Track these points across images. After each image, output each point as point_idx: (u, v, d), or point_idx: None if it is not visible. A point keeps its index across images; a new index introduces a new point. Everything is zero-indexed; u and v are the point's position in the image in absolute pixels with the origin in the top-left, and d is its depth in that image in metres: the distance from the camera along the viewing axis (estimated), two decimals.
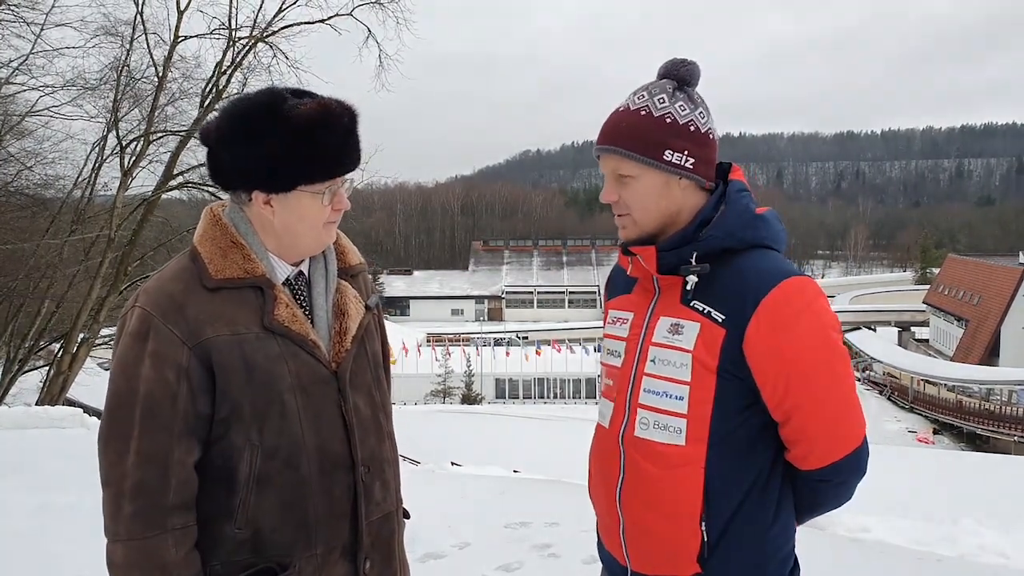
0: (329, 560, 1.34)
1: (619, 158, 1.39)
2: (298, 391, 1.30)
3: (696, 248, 1.37)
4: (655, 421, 1.38)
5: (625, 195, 1.41)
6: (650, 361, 1.40)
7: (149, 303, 1.27)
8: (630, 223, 1.43)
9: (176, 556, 1.23)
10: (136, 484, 1.22)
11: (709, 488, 1.35)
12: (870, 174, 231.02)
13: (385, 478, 1.43)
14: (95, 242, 14.99)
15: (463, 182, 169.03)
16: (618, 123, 1.40)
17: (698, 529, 1.36)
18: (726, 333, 1.33)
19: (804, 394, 1.32)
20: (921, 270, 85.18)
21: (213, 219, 1.35)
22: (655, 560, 1.41)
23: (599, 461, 1.51)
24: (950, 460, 21.43)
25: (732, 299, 1.34)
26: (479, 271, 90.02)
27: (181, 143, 14.96)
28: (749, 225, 1.39)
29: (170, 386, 1.24)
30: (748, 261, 1.36)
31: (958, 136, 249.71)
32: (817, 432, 1.34)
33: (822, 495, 1.41)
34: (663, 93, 1.40)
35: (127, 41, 14.33)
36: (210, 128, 1.31)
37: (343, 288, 1.43)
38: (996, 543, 4.98)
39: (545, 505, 5.19)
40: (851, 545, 4.47)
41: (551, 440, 19.88)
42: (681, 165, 1.38)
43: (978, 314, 49.59)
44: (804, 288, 1.33)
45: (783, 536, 1.40)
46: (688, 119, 1.39)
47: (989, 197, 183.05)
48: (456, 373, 43.39)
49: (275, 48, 14.90)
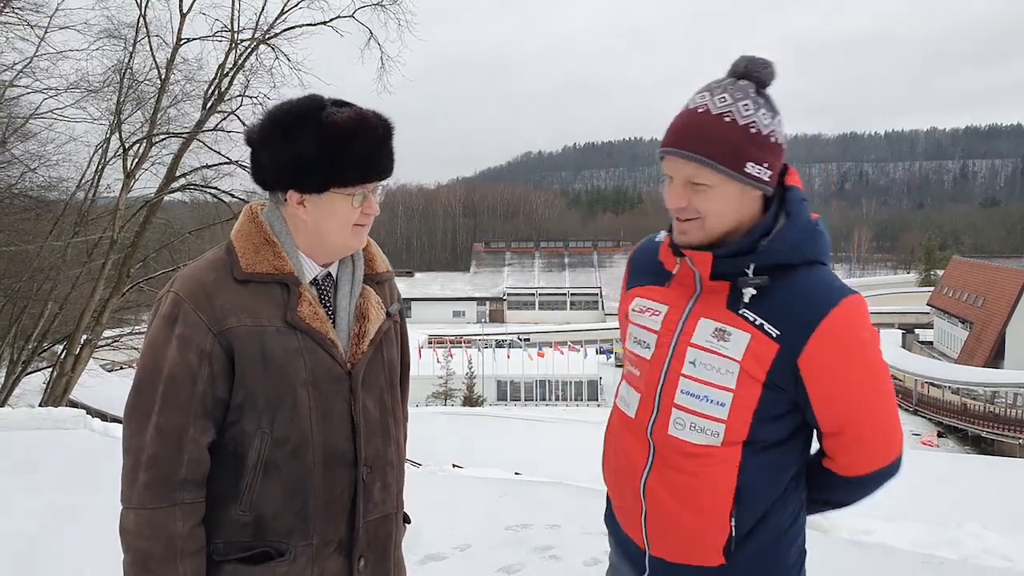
0: (324, 552, 1.38)
1: (697, 165, 1.33)
2: (311, 386, 1.36)
3: (755, 260, 1.35)
4: (691, 423, 1.38)
5: (697, 202, 1.35)
6: (689, 363, 1.39)
7: (183, 289, 1.34)
8: (696, 229, 1.37)
9: (182, 528, 1.29)
10: (151, 456, 1.29)
11: (741, 486, 1.38)
12: (874, 175, 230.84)
13: (387, 480, 1.47)
14: (98, 244, 15.03)
15: (464, 183, 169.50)
16: (699, 127, 1.32)
17: (727, 523, 1.38)
18: (780, 348, 1.33)
19: (858, 410, 1.36)
20: (925, 272, 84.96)
21: (251, 216, 1.42)
22: (678, 549, 1.44)
23: (622, 447, 1.51)
24: (954, 463, 21.37)
25: (789, 315, 1.33)
26: (480, 273, 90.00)
27: (183, 145, 15.01)
28: (811, 240, 1.37)
29: (192, 368, 1.30)
30: (805, 278, 1.35)
31: (962, 137, 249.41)
32: (868, 444, 1.39)
33: (855, 496, 1.47)
34: (747, 99, 1.33)
35: (130, 44, 14.40)
36: (253, 130, 1.39)
37: (367, 293, 1.49)
38: (1000, 546, 4.95)
39: (546, 507, 5.18)
40: (853, 548, 4.45)
41: (553, 442, 19.88)
42: (760, 178, 1.34)
43: (983, 316, 49.42)
44: (860, 309, 1.35)
45: (796, 528, 1.46)
46: (770, 129, 1.34)
47: (994, 198, 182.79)
48: (457, 375, 43.36)
49: (277, 50, 14.97)
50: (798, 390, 1.34)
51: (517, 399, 45.44)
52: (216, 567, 1.33)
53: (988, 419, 36.13)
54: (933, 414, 40.18)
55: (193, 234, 16.06)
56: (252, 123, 1.43)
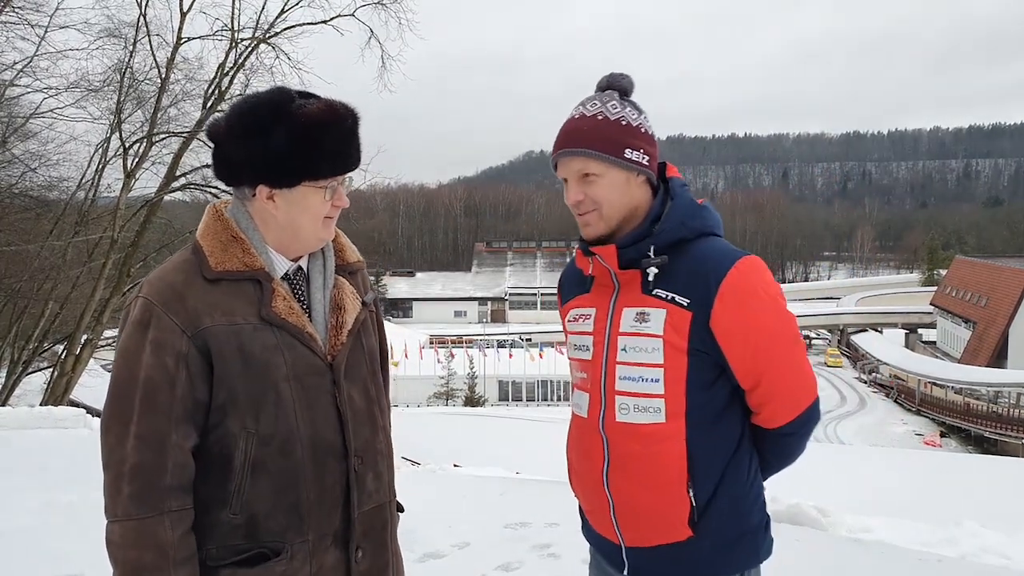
0: (320, 547, 1.36)
1: (585, 159, 1.50)
2: (293, 381, 1.34)
3: (653, 242, 1.49)
4: (634, 405, 1.48)
5: (591, 192, 1.51)
6: (621, 350, 1.50)
7: (151, 293, 1.31)
8: (596, 219, 1.53)
9: (172, 536, 1.26)
10: (134, 466, 1.25)
11: (692, 457, 1.46)
12: (877, 175, 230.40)
13: (378, 470, 1.46)
14: (98, 244, 15.05)
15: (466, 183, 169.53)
16: (579, 128, 1.51)
17: (686, 496, 1.47)
18: (693, 315, 1.45)
19: (770, 359, 1.47)
20: (928, 271, 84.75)
21: (215, 215, 1.40)
22: (649, 532, 1.51)
23: (580, 449, 1.60)
24: (953, 462, 21.32)
25: (694, 284, 1.46)
26: (482, 273, 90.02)
27: (184, 144, 15.01)
28: (696, 215, 1.52)
29: (169, 372, 1.27)
30: (701, 248, 1.49)
31: (965, 136, 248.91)
32: (784, 391, 1.49)
33: (789, 447, 1.56)
34: (612, 100, 1.53)
35: (130, 43, 14.39)
36: (219, 124, 1.35)
37: (340, 284, 1.47)
38: (998, 545, 4.94)
39: (545, 505, 5.18)
40: (852, 545, 4.44)
41: (553, 442, 19.83)
42: (639, 162, 1.51)
43: (986, 316, 49.30)
44: (756, 266, 1.47)
45: (755, 489, 1.55)
46: (639, 122, 1.53)
47: (997, 198, 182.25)
48: (459, 375, 43.35)
49: (277, 49, 14.94)
50: (716, 352, 1.45)
51: (519, 399, 45.44)
52: (211, 573, 1.30)
53: (991, 419, 36.05)
54: (936, 414, 40.09)
55: (193, 233, 16.06)
56: (216, 117, 1.40)
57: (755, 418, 1.53)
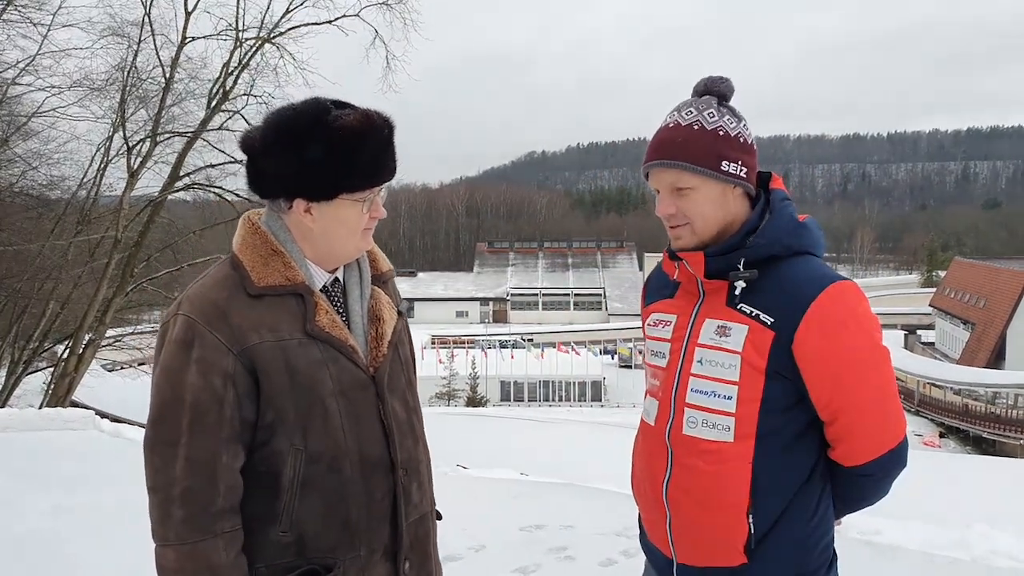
0: (371, 561, 1.36)
1: (678, 171, 1.44)
2: (339, 396, 1.32)
3: (744, 255, 1.43)
4: (703, 420, 1.43)
5: (684, 206, 1.46)
6: (696, 362, 1.45)
7: (193, 310, 1.28)
8: (688, 233, 1.47)
9: (226, 559, 1.25)
10: (185, 490, 1.24)
11: (756, 482, 1.40)
12: (876, 176, 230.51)
13: (421, 480, 1.45)
14: (100, 243, 15.03)
15: (467, 183, 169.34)
16: (673, 138, 1.45)
17: (745, 521, 1.41)
18: (775, 336, 1.38)
19: (852, 394, 1.38)
20: (927, 273, 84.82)
21: (252, 227, 1.37)
22: (702, 552, 1.46)
23: (645, 457, 1.56)
24: (954, 463, 21.32)
25: (781, 303, 1.39)
26: (484, 273, 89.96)
27: (188, 144, 15.01)
28: (794, 233, 1.45)
29: (217, 392, 1.25)
30: (794, 267, 1.42)
31: (964, 139, 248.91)
32: (864, 430, 1.40)
33: (865, 490, 1.47)
34: (710, 108, 1.46)
35: (134, 42, 14.41)
36: (253, 136, 1.32)
37: (377, 294, 1.46)
38: (1009, 547, 4.94)
39: (559, 508, 5.18)
40: (864, 547, 4.44)
41: (557, 443, 19.85)
42: (737, 175, 1.45)
43: (984, 317, 49.34)
44: (849, 292, 1.39)
45: (823, 527, 1.46)
46: (737, 131, 1.46)
47: (995, 200, 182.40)
48: (461, 375, 43.29)
49: (282, 49, 14.97)
50: (797, 378, 1.38)
51: (521, 400, 45.38)
52: None
53: (989, 420, 36.06)
54: (935, 415, 40.10)
55: (197, 233, 16.05)
56: (249, 130, 1.37)
57: (832, 452, 1.45)
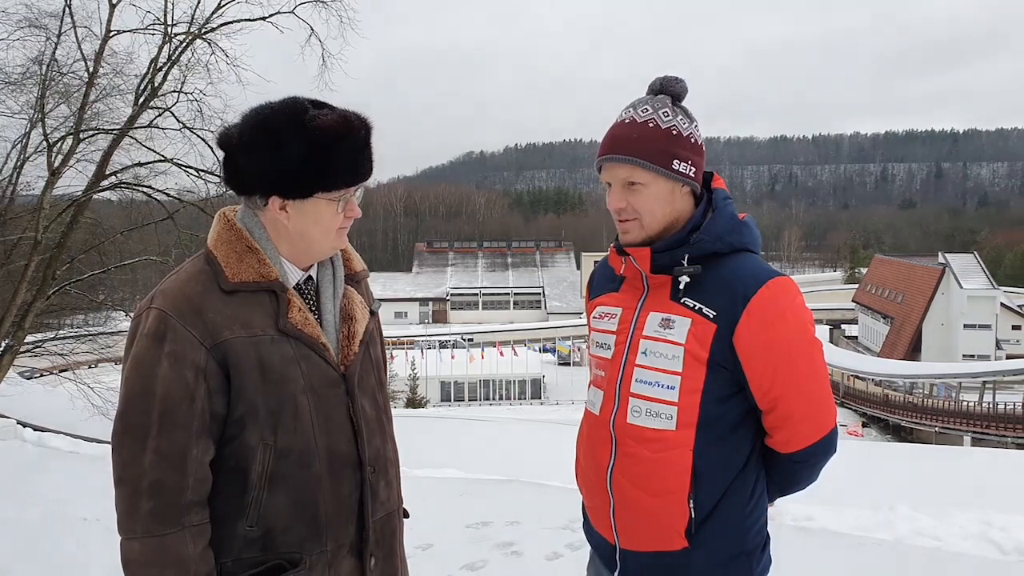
0: (337, 556, 1.37)
1: (631, 167, 1.49)
2: (310, 392, 1.34)
3: (688, 251, 1.49)
4: (647, 409, 1.49)
5: (634, 201, 1.51)
6: (641, 353, 1.50)
7: (167, 304, 1.28)
8: (636, 228, 1.52)
9: (193, 552, 1.25)
10: (154, 482, 1.24)
11: (697, 469, 1.46)
12: (802, 177, 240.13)
13: (389, 477, 1.47)
14: (17, 244, 14.23)
15: (406, 182, 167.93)
16: (629, 134, 1.49)
17: (686, 506, 1.46)
18: (717, 328, 1.44)
19: (789, 383, 1.45)
20: (850, 270, 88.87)
21: (227, 223, 1.38)
22: (644, 537, 1.51)
23: (589, 446, 1.60)
24: (876, 450, 22.45)
25: (722, 297, 1.45)
26: (423, 273, 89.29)
27: (114, 142, 14.34)
28: (735, 231, 1.52)
29: (188, 386, 1.25)
30: (735, 263, 1.49)
31: (883, 142, 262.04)
32: (800, 418, 1.48)
33: (798, 475, 1.55)
34: (665, 107, 1.51)
35: (53, 35, 13.62)
36: (231, 134, 1.33)
37: (349, 293, 1.48)
38: (929, 527, 5.27)
39: (504, 504, 5.23)
40: (798, 533, 4.65)
41: (500, 441, 19.92)
42: (686, 174, 1.50)
43: (902, 312, 52.14)
44: (787, 288, 1.47)
45: (758, 511, 1.54)
46: (689, 131, 1.51)
47: (911, 200, 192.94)
48: (400, 377, 42.88)
49: (214, 45, 14.46)
50: (737, 369, 1.44)
51: (461, 399, 45.31)
52: None
53: (907, 409, 38.03)
54: (858, 405, 42.04)
55: (124, 234, 15.39)
56: (227, 127, 1.38)
57: (768, 440, 1.52)
